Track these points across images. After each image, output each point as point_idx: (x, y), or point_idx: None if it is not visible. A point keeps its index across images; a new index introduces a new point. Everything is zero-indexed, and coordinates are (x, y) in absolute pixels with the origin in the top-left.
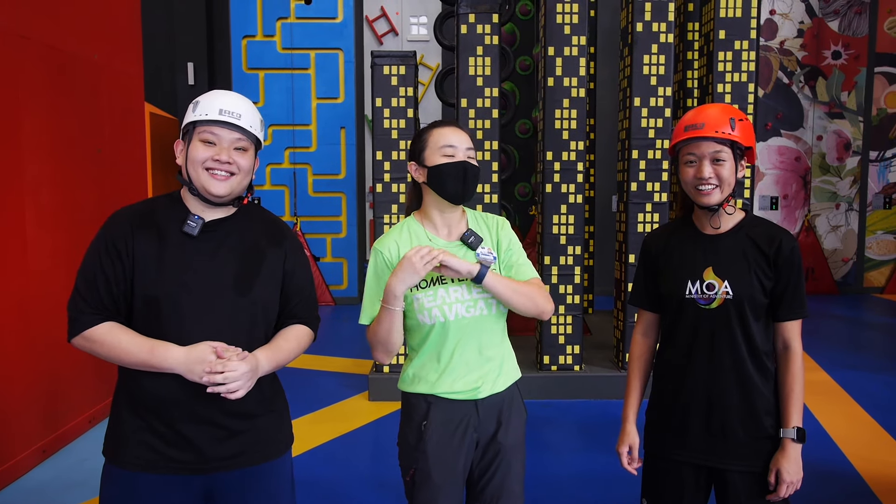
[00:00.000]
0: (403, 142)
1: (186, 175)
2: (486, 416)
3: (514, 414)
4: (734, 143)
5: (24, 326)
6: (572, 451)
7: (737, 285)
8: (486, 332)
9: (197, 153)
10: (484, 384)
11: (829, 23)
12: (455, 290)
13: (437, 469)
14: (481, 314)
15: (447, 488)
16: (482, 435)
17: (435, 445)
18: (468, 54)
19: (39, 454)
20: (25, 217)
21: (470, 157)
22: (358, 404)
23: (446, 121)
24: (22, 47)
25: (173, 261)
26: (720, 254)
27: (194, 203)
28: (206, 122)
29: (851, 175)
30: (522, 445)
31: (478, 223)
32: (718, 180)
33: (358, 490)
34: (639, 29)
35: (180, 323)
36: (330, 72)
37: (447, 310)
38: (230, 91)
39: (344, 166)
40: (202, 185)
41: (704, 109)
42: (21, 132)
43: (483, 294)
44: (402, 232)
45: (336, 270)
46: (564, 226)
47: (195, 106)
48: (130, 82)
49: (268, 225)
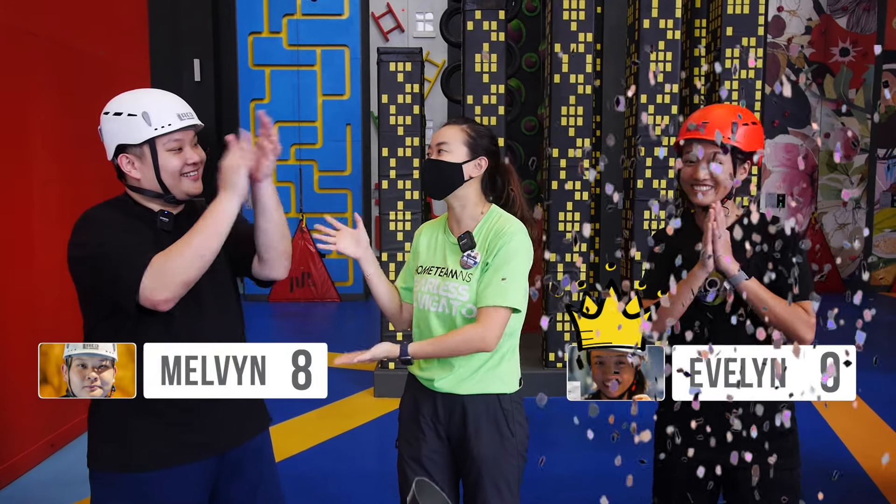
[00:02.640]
0: (409, 138)
1: (159, 185)
2: (446, 412)
3: (486, 424)
4: (734, 148)
5: (31, 322)
6: (577, 450)
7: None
8: (449, 329)
9: (170, 164)
10: (440, 381)
11: (838, 19)
12: (430, 282)
13: (403, 442)
14: (444, 312)
15: (412, 464)
16: (451, 432)
17: (406, 420)
18: (474, 51)
19: (48, 448)
20: (33, 213)
21: (441, 150)
22: (363, 401)
23: (451, 119)
24: (30, 44)
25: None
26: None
27: (155, 203)
28: (169, 133)
29: (859, 173)
30: (506, 464)
31: (488, 226)
32: (714, 182)
33: (362, 487)
34: (646, 25)
35: (188, 312)
36: (336, 68)
37: (420, 297)
38: (154, 89)
39: (350, 163)
40: (183, 191)
41: (712, 110)
42: (29, 129)
43: (448, 293)
44: (434, 223)
45: (342, 267)
46: (570, 223)
47: (147, 119)
48: (137, 78)
49: (195, 203)
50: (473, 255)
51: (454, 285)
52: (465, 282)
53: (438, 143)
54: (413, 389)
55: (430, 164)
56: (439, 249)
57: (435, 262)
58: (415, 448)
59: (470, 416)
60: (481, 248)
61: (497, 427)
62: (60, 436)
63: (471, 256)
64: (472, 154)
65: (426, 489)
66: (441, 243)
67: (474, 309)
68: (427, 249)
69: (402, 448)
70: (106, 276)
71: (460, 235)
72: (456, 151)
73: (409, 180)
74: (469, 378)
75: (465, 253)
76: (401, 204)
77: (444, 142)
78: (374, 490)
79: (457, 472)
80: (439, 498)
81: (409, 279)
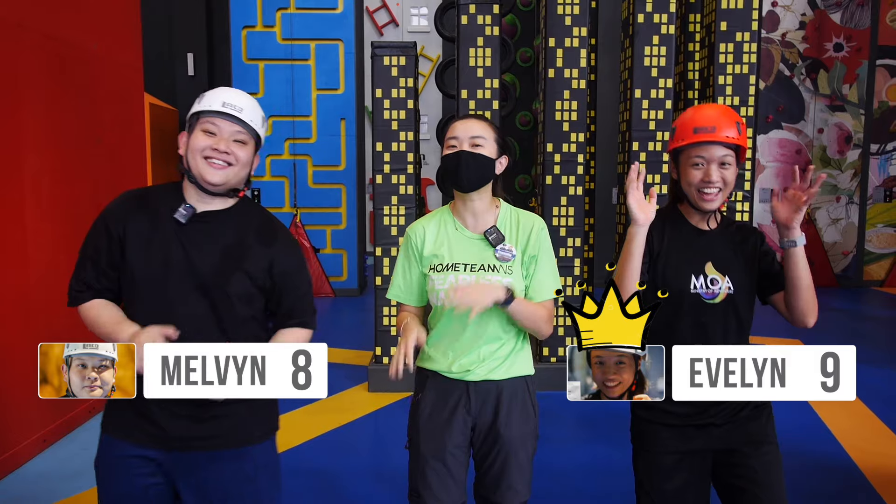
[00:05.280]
0: (403, 133)
1: (186, 164)
2: (478, 400)
3: (515, 406)
4: (738, 147)
5: (25, 316)
6: (572, 443)
7: (737, 279)
8: (484, 321)
9: (197, 142)
10: (477, 368)
11: (831, 15)
12: (464, 279)
13: (426, 442)
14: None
15: (434, 462)
16: (479, 419)
17: (426, 419)
18: (468, 45)
19: (40, 443)
20: (25, 208)
21: (477, 144)
22: (357, 395)
23: (466, 114)
24: (20, 37)
25: (160, 245)
26: (716, 249)
27: (192, 192)
28: (209, 113)
29: (852, 168)
30: (529, 442)
31: (510, 219)
32: (724, 184)
33: (356, 481)
34: (640, 20)
35: (158, 305)
36: (330, 63)
37: (443, 295)
38: (236, 89)
39: (344, 157)
40: (199, 173)
41: (705, 110)
42: (20, 123)
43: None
44: (432, 218)
45: (336, 262)
46: (564, 217)
47: (200, 99)
48: (130, 72)
49: (262, 223)
50: (508, 248)
51: (497, 279)
52: (506, 275)
53: (473, 136)
54: (434, 387)
55: (469, 157)
56: (460, 245)
57: (461, 259)
58: (439, 446)
59: (504, 398)
60: (511, 242)
61: (524, 408)
62: (53, 431)
63: (506, 250)
64: (500, 151)
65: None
66: (459, 239)
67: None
68: (438, 247)
69: (424, 447)
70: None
71: (488, 230)
72: (489, 147)
73: (403, 175)
74: (502, 364)
75: (497, 247)
76: (395, 199)
77: (479, 135)
78: (369, 484)
79: (468, 464)
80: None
81: (414, 286)
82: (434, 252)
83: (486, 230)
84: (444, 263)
